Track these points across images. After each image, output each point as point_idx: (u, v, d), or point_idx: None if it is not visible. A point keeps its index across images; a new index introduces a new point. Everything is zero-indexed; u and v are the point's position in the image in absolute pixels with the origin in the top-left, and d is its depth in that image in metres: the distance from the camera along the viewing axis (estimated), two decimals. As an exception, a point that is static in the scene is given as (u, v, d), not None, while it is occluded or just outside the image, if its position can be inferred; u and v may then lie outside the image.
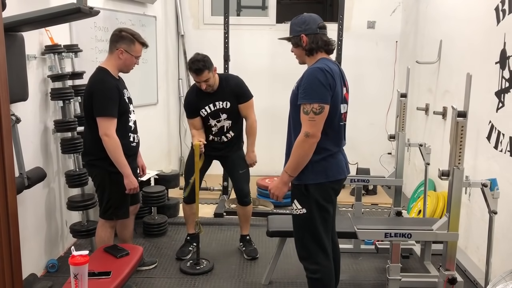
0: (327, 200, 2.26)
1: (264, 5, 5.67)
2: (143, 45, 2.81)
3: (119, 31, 2.78)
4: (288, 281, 3.09)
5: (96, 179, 2.82)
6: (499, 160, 2.90)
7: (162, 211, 3.99)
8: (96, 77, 2.71)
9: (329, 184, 2.25)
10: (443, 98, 3.95)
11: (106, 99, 2.63)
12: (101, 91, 2.64)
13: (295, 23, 2.38)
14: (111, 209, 2.80)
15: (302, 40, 2.31)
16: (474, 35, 3.34)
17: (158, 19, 4.76)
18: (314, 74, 2.16)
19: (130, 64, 2.78)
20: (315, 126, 2.13)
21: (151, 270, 3.19)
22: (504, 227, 2.79)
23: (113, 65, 2.75)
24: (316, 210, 2.23)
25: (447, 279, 2.43)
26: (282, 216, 3.51)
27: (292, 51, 2.41)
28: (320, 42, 2.31)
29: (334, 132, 2.24)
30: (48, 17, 2.52)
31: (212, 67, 3.14)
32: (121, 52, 2.72)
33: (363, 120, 5.45)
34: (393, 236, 2.52)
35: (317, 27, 2.33)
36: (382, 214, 4.40)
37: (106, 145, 2.62)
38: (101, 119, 2.62)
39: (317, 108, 2.12)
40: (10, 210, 1.82)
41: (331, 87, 2.16)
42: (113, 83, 2.70)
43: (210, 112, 3.24)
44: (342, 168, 2.31)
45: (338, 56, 4.40)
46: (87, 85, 2.75)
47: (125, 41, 2.73)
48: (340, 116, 2.26)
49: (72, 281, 1.99)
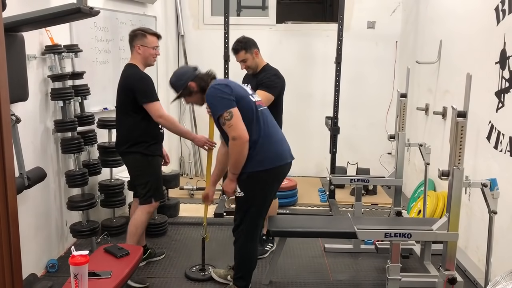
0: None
1: (264, 5, 5.67)
2: (155, 35, 3.03)
3: (132, 31, 3.04)
4: (288, 281, 3.09)
5: (132, 164, 3.02)
6: (499, 160, 2.90)
7: (162, 211, 3.99)
8: (131, 71, 2.95)
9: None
10: (443, 98, 3.96)
11: (148, 87, 2.91)
12: (141, 82, 2.90)
13: (176, 80, 2.70)
14: (150, 191, 3.00)
15: (192, 87, 2.63)
16: (474, 35, 3.34)
17: (158, 19, 4.76)
18: (212, 92, 2.53)
19: (149, 55, 3.00)
20: (235, 129, 2.45)
21: (151, 270, 3.20)
22: (504, 227, 2.79)
23: (138, 62, 2.99)
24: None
25: (447, 279, 2.43)
26: (282, 216, 3.52)
27: (188, 102, 2.77)
28: (205, 77, 2.65)
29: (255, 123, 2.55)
30: (48, 17, 2.52)
31: (252, 50, 3.30)
32: (138, 48, 2.97)
33: (363, 120, 5.46)
34: (393, 236, 2.53)
35: (193, 70, 2.69)
36: (382, 214, 4.41)
37: (164, 126, 2.97)
38: (150, 105, 2.88)
39: (227, 114, 2.45)
40: (10, 210, 1.82)
41: (232, 91, 2.50)
42: (146, 74, 2.97)
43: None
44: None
45: (338, 56, 4.39)
46: (123, 79, 2.96)
47: (138, 37, 2.98)
48: (255, 107, 2.57)
49: (72, 281, 1.99)
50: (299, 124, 5.36)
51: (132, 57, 3.03)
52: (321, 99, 5.30)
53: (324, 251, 3.50)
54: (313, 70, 5.44)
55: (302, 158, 5.08)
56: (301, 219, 3.46)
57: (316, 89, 5.43)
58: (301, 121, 5.41)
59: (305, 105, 5.46)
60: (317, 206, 4.60)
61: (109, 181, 3.71)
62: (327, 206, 4.55)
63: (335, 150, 4.51)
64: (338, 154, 4.55)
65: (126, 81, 2.94)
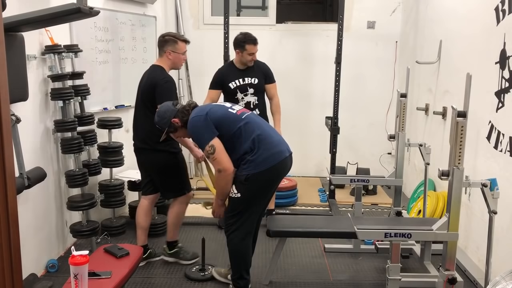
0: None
1: (264, 5, 5.67)
2: (185, 42, 3.16)
3: (162, 36, 3.14)
4: (288, 281, 3.09)
5: (162, 163, 3.11)
6: (499, 160, 2.90)
7: (162, 211, 3.98)
8: (157, 72, 3.07)
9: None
10: (443, 98, 3.96)
11: (169, 91, 3.01)
12: (165, 85, 3.01)
13: (159, 120, 2.72)
14: (182, 183, 3.20)
15: (176, 123, 2.66)
16: (474, 35, 3.34)
17: (158, 19, 4.76)
18: (191, 127, 2.60)
19: (178, 61, 3.16)
20: (220, 162, 2.52)
21: (151, 270, 3.20)
22: (504, 227, 2.79)
23: (165, 65, 3.12)
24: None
25: (447, 279, 2.43)
26: (282, 216, 3.52)
27: (176, 137, 2.85)
28: (186, 110, 2.65)
29: (243, 133, 2.57)
30: (48, 17, 2.52)
31: None
32: (169, 53, 3.08)
33: (363, 120, 5.46)
34: (393, 236, 2.53)
35: (173, 106, 2.70)
36: (382, 214, 4.40)
37: None
38: None
39: (209, 149, 2.52)
40: (10, 210, 1.82)
41: (209, 119, 2.55)
42: (172, 79, 3.10)
43: (238, 85, 3.66)
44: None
45: (338, 56, 4.39)
46: (149, 79, 3.07)
47: (169, 43, 3.09)
48: (238, 118, 2.61)
49: (72, 281, 1.99)
50: (299, 124, 5.37)
51: (160, 59, 3.14)
52: (321, 99, 5.30)
53: (324, 251, 3.50)
54: (313, 70, 5.44)
55: (302, 158, 5.09)
56: (301, 219, 3.46)
57: (316, 89, 5.43)
58: (301, 121, 5.42)
59: (305, 105, 5.46)
60: (317, 206, 4.60)
61: (109, 181, 3.71)
62: (327, 206, 4.55)
63: (335, 150, 4.51)
64: (338, 154, 4.55)
65: (152, 81, 3.04)
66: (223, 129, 2.56)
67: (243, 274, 2.77)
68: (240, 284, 2.77)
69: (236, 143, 2.56)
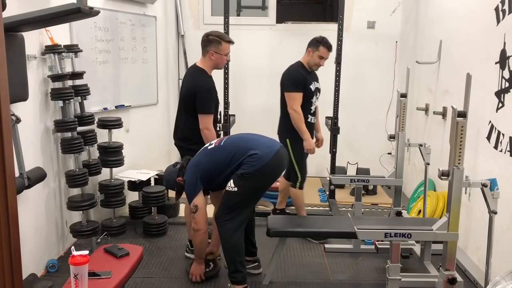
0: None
1: (264, 5, 5.67)
2: (229, 43, 3.14)
3: (206, 35, 3.10)
4: (288, 281, 3.09)
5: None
6: (499, 160, 2.90)
7: (162, 211, 3.99)
8: (199, 78, 3.08)
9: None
10: (443, 98, 3.96)
11: (208, 100, 3.05)
12: (205, 93, 3.04)
13: (167, 183, 3.00)
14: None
15: (180, 181, 2.83)
16: (474, 35, 3.34)
17: (158, 19, 4.76)
18: (185, 185, 2.81)
19: (221, 62, 3.14)
20: (197, 222, 2.78)
21: (151, 270, 3.20)
22: (504, 227, 2.79)
23: (207, 66, 3.11)
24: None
25: (447, 279, 2.43)
26: (282, 216, 3.52)
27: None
28: (183, 168, 2.85)
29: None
30: (48, 17, 2.52)
31: None
32: (212, 54, 3.07)
33: (363, 120, 5.46)
34: (393, 236, 2.53)
35: (173, 167, 2.93)
36: (382, 214, 4.40)
37: (206, 137, 3.04)
38: (204, 116, 3.05)
39: (193, 207, 2.75)
40: (10, 210, 1.82)
41: (197, 174, 2.77)
42: (212, 84, 3.12)
43: (316, 88, 3.66)
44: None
45: (338, 56, 4.39)
46: (190, 83, 3.10)
47: (213, 44, 3.06)
48: (223, 151, 2.77)
49: (72, 281, 1.99)
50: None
51: (202, 60, 3.14)
52: (321, 99, 5.27)
53: (324, 251, 3.50)
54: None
55: (302, 158, 5.08)
56: (301, 219, 3.46)
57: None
58: (301, 121, 5.41)
59: (305, 105, 5.45)
60: (317, 206, 4.59)
61: (109, 181, 3.71)
62: (327, 206, 4.55)
63: (335, 150, 4.51)
64: (338, 154, 4.55)
65: (192, 87, 3.06)
66: (214, 165, 2.74)
67: (238, 267, 2.77)
68: (237, 278, 2.77)
69: (231, 162, 2.73)
